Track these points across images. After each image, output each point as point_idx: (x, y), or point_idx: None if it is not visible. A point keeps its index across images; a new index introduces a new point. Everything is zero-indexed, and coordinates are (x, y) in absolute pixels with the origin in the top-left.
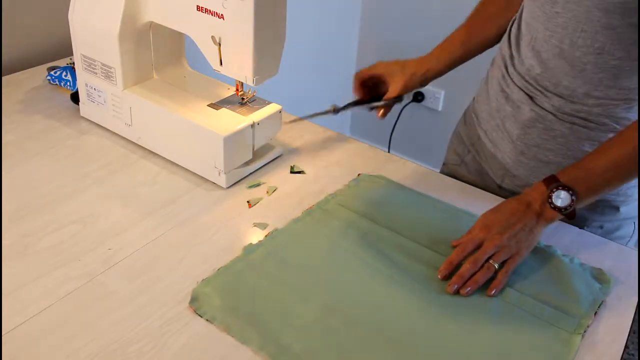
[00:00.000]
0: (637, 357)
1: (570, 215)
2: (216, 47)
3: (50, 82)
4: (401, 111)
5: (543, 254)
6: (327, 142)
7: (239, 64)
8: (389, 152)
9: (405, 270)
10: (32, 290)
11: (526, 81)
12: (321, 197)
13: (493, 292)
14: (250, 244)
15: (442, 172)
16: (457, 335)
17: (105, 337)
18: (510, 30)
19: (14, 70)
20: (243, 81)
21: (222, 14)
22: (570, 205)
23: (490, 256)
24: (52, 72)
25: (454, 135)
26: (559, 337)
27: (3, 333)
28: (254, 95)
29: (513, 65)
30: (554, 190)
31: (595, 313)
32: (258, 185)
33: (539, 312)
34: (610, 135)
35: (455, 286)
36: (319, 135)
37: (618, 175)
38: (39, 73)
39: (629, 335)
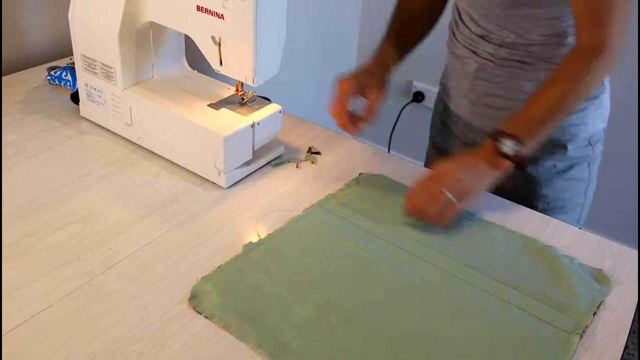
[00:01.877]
0: (637, 357)
1: (520, 164)
2: (216, 47)
3: (50, 82)
4: (401, 111)
5: (543, 254)
6: (327, 142)
7: (239, 64)
8: (389, 152)
9: (404, 268)
10: (32, 290)
11: (468, 38)
12: (321, 197)
13: (442, 222)
14: (251, 242)
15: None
16: (454, 333)
17: (105, 337)
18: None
19: (14, 70)
20: (243, 81)
21: (222, 14)
22: (517, 152)
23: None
24: (52, 72)
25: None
26: (557, 336)
27: (3, 333)
28: (253, 95)
29: (457, 28)
30: (500, 140)
31: (595, 313)
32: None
33: (538, 311)
34: (545, 73)
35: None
36: (319, 135)
37: (554, 116)
38: (39, 73)
39: (629, 335)
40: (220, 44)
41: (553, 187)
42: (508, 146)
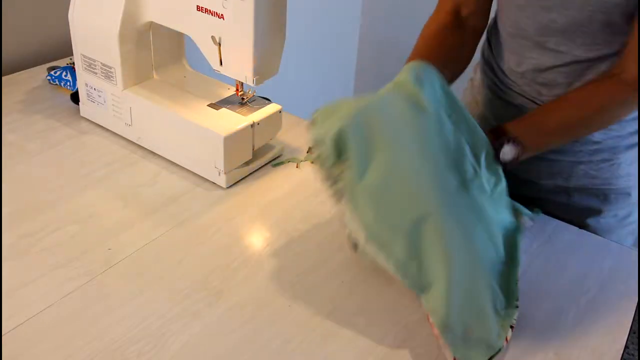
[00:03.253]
0: (637, 357)
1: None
2: (216, 47)
3: (50, 82)
4: None
5: None
6: None
7: (239, 64)
8: None
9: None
10: (32, 290)
11: (526, 85)
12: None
13: None
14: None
15: None
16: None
17: (105, 337)
18: (489, 40)
19: (14, 70)
20: (243, 81)
21: (222, 14)
22: (515, 159)
23: None
24: (52, 72)
25: None
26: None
27: (3, 333)
28: (253, 95)
29: (504, 73)
30: (503, 143)
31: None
32: (282, 163)
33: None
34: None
35: None
36: None
37: (567, 137)
38: (39, 73)
39: (629, 335)
40: (220, 44)
41: (610, 237)
42: (509, 153)
